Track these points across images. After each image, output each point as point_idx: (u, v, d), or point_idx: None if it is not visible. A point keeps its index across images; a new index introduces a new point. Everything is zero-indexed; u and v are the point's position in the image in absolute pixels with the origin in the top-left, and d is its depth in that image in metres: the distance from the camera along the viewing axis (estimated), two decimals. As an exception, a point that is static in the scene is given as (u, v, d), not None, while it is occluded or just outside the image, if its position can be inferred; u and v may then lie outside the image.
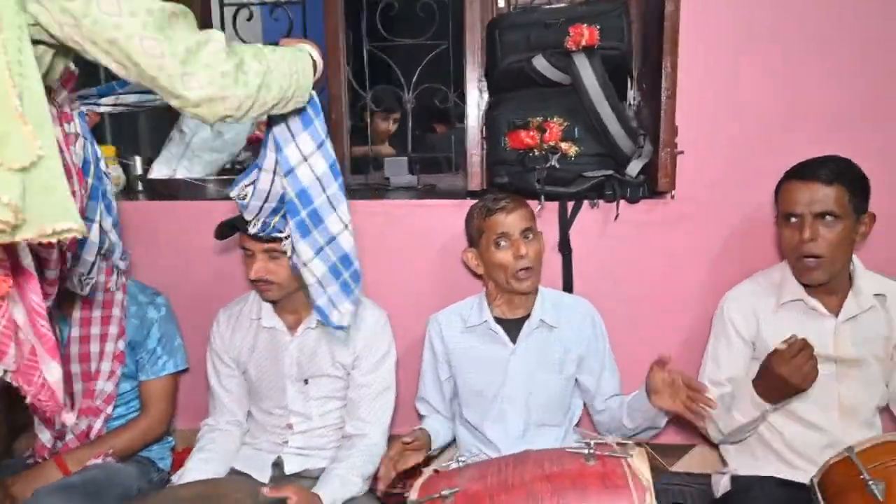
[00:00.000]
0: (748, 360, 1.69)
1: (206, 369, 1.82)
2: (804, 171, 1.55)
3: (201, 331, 1.85)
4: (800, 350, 1.44)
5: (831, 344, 1.59)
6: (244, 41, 2.41)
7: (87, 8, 0.88)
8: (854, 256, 1.61)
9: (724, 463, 1.78)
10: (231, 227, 1.59)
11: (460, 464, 1.51)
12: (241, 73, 1.02)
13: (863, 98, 1.82)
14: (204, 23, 2.38)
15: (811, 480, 1.44)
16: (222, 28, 2.40)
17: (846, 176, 1.52)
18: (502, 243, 1.64)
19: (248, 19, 2.43)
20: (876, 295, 1.60)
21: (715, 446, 1.84)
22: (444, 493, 1.35)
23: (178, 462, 2.01)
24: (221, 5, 2.39)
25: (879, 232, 1.61)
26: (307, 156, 1.27)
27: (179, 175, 2.05)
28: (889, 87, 1.82)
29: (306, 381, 1.70)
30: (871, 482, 1.27)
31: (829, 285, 1.59)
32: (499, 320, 1.74)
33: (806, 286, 1.61)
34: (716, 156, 1.87)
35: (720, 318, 1.73)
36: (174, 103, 1.00)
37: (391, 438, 1.75)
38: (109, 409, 1.74)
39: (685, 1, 1.76)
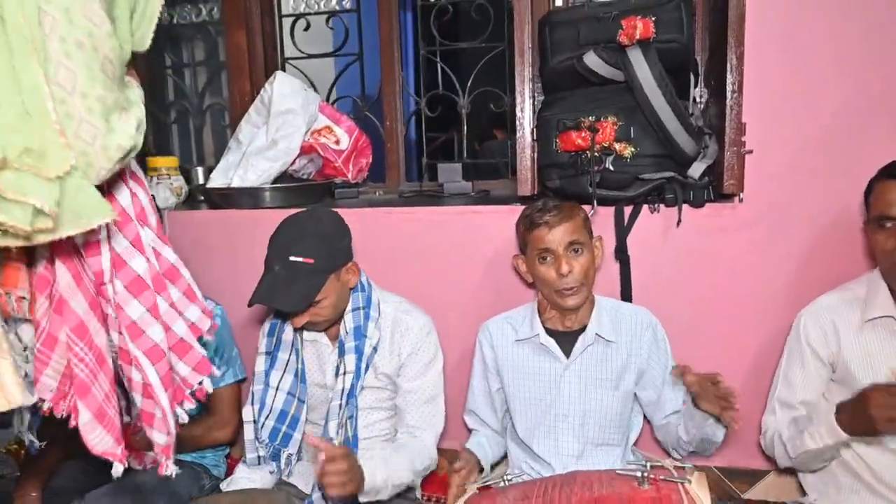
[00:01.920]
0: (825, 382, 1.54)
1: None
2: None
3: (254, 341, 1.85)
4: None
5: (924, 366, 1.41)
6: (301, 52, 2.45)
7: None
8: None
9: (802, 492, 1.63)
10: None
11: (506, 482, 1.44)
12: None
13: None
14: (264, 35, 2.41)
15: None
16: (281, 40, 2.44)
17: None
18: (546, 258, 1.56)
19: (305, 29, 2.45)
20: None
21: (793, 473, 1.67)
22: (485, 513, 1.28)
23: (232, 470, 2.04)
24: (279, 17, 2.43)
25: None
26: None
27: (235, 184, 2.08)
28: None
29: None
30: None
31: None
32: (551, 332, 1.65)
33: None
34: (788, 155, 1.71)
35: (795, 336, 1.58)
36: None
37: (441, 452, 1.70)
38: None
39: (753, -12, 1.62)
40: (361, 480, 1.41)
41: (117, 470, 1.01)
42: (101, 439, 0.99)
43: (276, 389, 1.65)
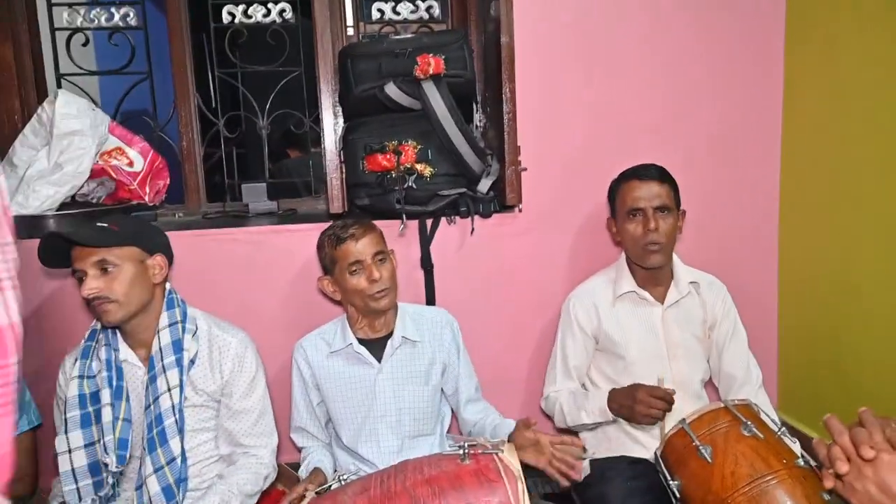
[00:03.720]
0: (592, 350, 1.91)
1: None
2: (641, 172, 1.79)
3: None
4: (664, 397, 1.63)
5: (660, 327, 1.83)
6: (81, 68, 2.29)
7: None
8: (673, 253, 1.86)
9: (584, 450, 1.96)
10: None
11: (342, 482, 1.54)
12: None
13: (667, 113, 2.12)
14: (33, 50, 2.22)
15: (655, 454, 1.63)
16: (55, 55, 2.26)
17: (669, 176, 1.80)
18: (356, 270, 1.68)
19: (84, 44, 2.30)
20: (691, 283, 1.86)
21: (574, 433, 2.01)
22: (329, 510, 1.38)
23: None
24: (52, 31, 2.25)
25: (688, 231, 1.88)
26: None
27: (13, 212, 1.90)
28: (689, 104, 2.13)
29: None
30: (700, 447, 1.47)
31: (657, 277, 1.83)
32: (363, 341, 1.77)
33: (639, 277, 1.84)
34: (554, 171, 2.08)
35: (566, 314, 1.93)
36: None
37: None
38: None
39: (519, 34, 1.95)
40: None
41: None
42: None
43: (99, 413, 1.55)
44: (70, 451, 1.52)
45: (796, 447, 1.51)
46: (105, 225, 1.51)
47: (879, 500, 0.89)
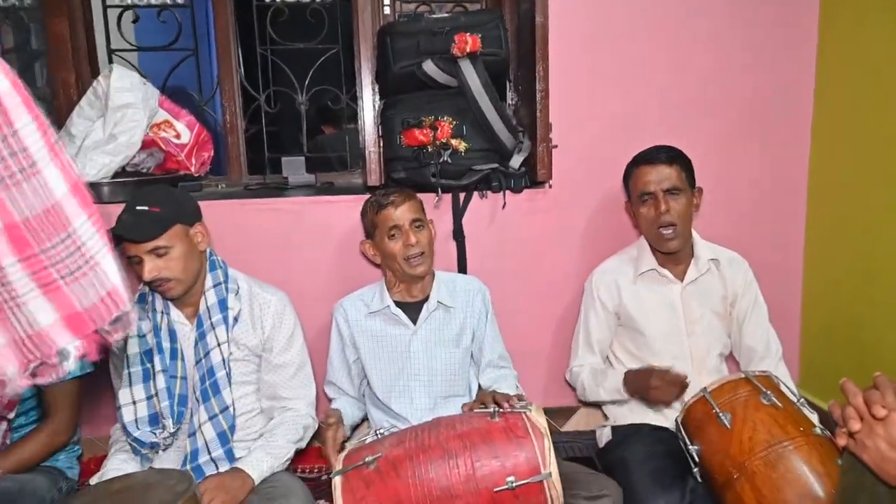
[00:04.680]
0: (614, 326, 1.98)
1: (106, 375, 1.80)
2: (651, 156, 1.84)
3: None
4: (675, 382, 1.70)
5: (679, 304, 1.89)
6: (131, 44, 2.40)
7: None
8: (693, 230, 1.91)
9: (605, 418, 2.04)
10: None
11: (378, 436, 1.64)
12: None
13: (697, 92, 2.16)
14: (86, 26, 2.33)
15: (675, 420, 1.70)
16: (106, 31, 2.36)
17: (680, 157, 1.84)
18: (395, 234, 1.78)
19: (134, 22, 2.40)
20: (711, 260, 1.91)
21: (597, 405, 2.09)
22: (367, 459, 1.47)
23: (86, 471, 1.98)
24: (105, 7, 2.35)
25: (711, 207, 1.92)
26: None
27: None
28: (720, 82, 2.16)
29: None
30: (720, 414, 1.54)
31: (677, 256, 1.89)
32: (399, 304, 1.87)
33: (659, 255, 1.90)
34: (584, 148, 2.13)
35: (589, 292, 2.00)
36: None
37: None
38: (11, 415, 1.70)
39: (553, 14, 1.99)
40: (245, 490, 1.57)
41: None
42: None
43: (156, 371, 1.68)
44: (134, 403, 1.65)
45: (814, 417, 1.57)
46: (146, 208, 1.59)
47: (889, 456, 0.96)
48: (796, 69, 2.18)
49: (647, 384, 1.75)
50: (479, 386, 1.97)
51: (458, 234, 2.09)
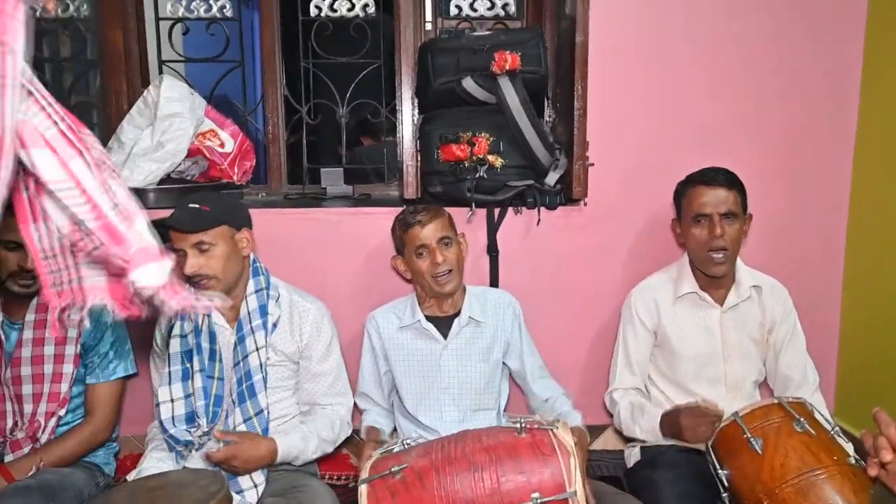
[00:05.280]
0: (651, 345, 1.96)
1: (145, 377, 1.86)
2: (709, 177, 1.81)
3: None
4: (707, 415, 1.66)
5: (717, 329, 1.87)
6: (180, 55, 2.49)
7: None
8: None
9: (634, 438, 2.03)
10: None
11: (405, 446, 1.66)
12: None
13: (736, 115, 2.15)
14: (139, 38, 2.42)
15: (706, 444, 1.68)
16: (157, 42, 2.46)
17: (737, 182, 1.82)
18: (423, 253, 1.80)
19: (184, 34, 2.49)
20: (753, 287, 1.89)
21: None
22: (393, 469, 1.49)
23: (122, 468, 2.05)
24: (157, 20, 2.45)
25: (750, 233, 1.90)
26: None
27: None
28: (758, 106, 2.15)
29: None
30: (752, 439, 1.52)
31: (718, 280, 1.86)
32: (430, 318, 1.89)
33: (700, 278, 1.88)
34: (620, 167, 2.14)
35: (627, 310, 1.98)
36: None
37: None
38: (62, 412, 1.77)
39: (593, 33, 2.01)
40: (267, 457, 1.61)
41: None
42: None
43: (195, 370, 1.73)
44: (172, 401, 1.71)
45: (849, 447, 1.53)
46: (197, 206, 1.65)
47: None
48: (839, 96, 2.15)
49: (678, 425, 1.70)
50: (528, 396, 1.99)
51: (492, 249, 2.11)
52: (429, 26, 2.41)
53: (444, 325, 1.90)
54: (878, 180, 2.09)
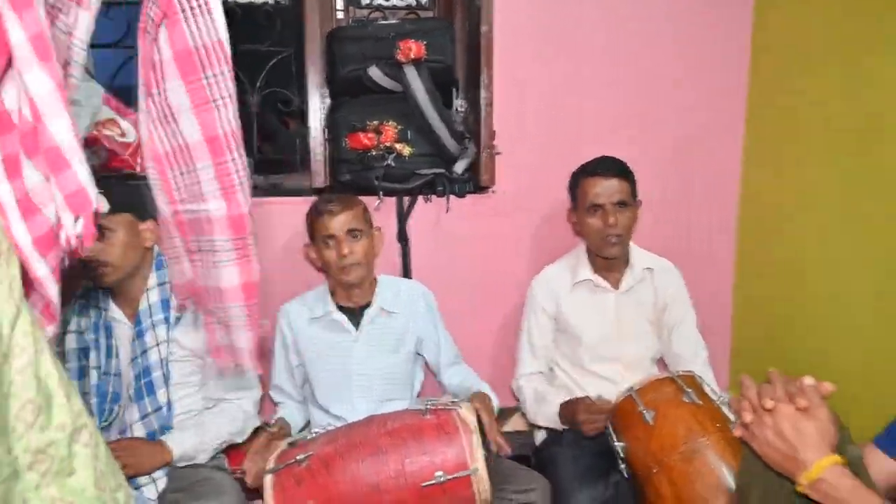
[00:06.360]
0: (553, 331, 2.04)
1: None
2: (602, 168, 1.89)
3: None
4: (602, 412, 1.73)
5: (614, 312, 1.96)
6: (77, 40, 2.37)
7: None
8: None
9: (538, 423, 2.10)
10: None
11: (313, 435, 1.66)
12: None
13: (635, 103, 2.23)
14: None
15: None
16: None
17: (627, 171, 1.91)
18: (330, 243, 1.80)
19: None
20: (645, 269, 1.99)
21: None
22: (299, 458, 1.49)
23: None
24: (51, 3, 2.33)
25: (646, 217, 1.99)
26: None
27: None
28: (656, 94, 2.24)
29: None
30: (644, 411, 1.60)
31: (613, 264, 1.96)
32: (342, 309, 1.89)
33: (596, 264, 1.97)
34: (527, 155, 2.19)
35: (530, 298, 2.06)
36: None
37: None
38: None
39: (500, 23, 2.05)
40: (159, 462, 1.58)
41: None
42: None
43: (91, 367, 1.67)
44: None
45: (733, 416, 1.64)
46: (101, 191, 1.60)
47: (775, 445, 1.02)
48: (728, 85, 2.26)
49: (574, 417, 1.77)
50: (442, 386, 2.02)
51: (403, 238, 2.13)
52: (340, 14, 2.40)
53: (355, 315, 1.90)
54: (766, 162, 2.22)
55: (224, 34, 1.04)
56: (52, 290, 0.88)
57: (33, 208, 0.87)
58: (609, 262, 1.95)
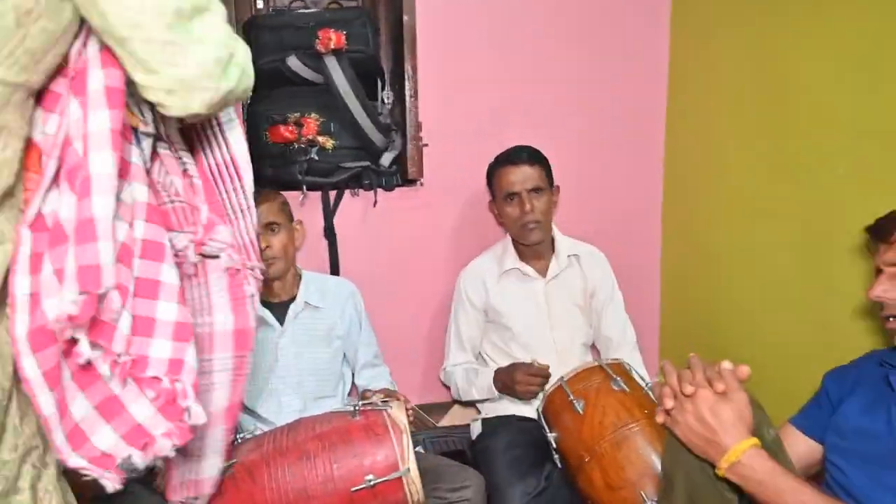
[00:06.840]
0: (483, 323, 2.04)
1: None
2: (514, 157, 1.90)
3: None
4: (538, 374, 1.78)
5: (543, 299, 1.96)
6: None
7: None
8: (553, 226, 2.00)
9: (478, 412, 2.09)
10: None
11: (238, 441, 1.59)
12: (233, 64, 0.83)
13: (559, 91, 2.23)
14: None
15: (537, 410, 1.76)
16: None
17: (540, 157, 1.93)
18: None
19: None
20: (571, 255, 2.00)
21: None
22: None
23: None
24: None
25: (573, 205, 1.99)
26: None
27: None
28: (574, 85, 2.25)
29: None
30: (574, 401, 1.60)
31: (538, 252, 1.96)
32: (266, 304, 1.83)
33: (522, 253, 1.98)
34: (454, 147, 2.16)
35: (458, 291, 2.06)
36: (140, 79, 0.77)
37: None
38: None
39: (420, 13, 2.01)
40: None
41: None
42: None
43: None
44: None
45: (660, 402, 1.67)
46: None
47: (696, 430, 1.03)
48: (649, 71, 2.29)
49: (512, 380, 1.81)
50: (355, 386, 1.97)
51: (330, 233, 2.07)
52: (260, 3, 2.31)
53: (280, 310, 1.84)
54: (687, 152, 2.26)
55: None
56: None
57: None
58: (534, 250, 1.96)
